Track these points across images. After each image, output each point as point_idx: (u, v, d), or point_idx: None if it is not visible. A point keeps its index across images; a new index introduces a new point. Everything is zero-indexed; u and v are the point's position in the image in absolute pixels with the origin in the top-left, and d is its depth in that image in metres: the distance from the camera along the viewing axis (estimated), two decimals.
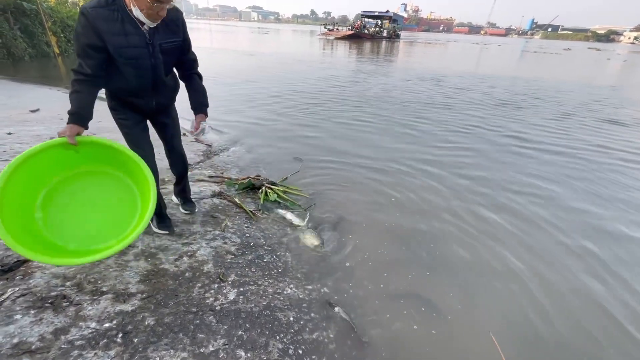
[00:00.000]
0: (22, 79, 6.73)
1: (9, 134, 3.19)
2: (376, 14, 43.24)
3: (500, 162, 3.83)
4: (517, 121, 5.70)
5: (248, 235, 2.17)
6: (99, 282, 1.53)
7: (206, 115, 1.87)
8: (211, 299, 1.60)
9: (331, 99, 6.55)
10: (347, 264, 2.04)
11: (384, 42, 33.31)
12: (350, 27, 39.76)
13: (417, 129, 4.92)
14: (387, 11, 43.60)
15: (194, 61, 1.82)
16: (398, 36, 46.28)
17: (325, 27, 41.33)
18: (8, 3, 8.73)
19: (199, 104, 1.84)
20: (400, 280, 1.95)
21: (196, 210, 2.27)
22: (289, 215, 2.37)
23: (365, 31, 38.16)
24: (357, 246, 2.22)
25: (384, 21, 43.22)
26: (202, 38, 24.58)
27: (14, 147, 2.86)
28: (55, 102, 5.00)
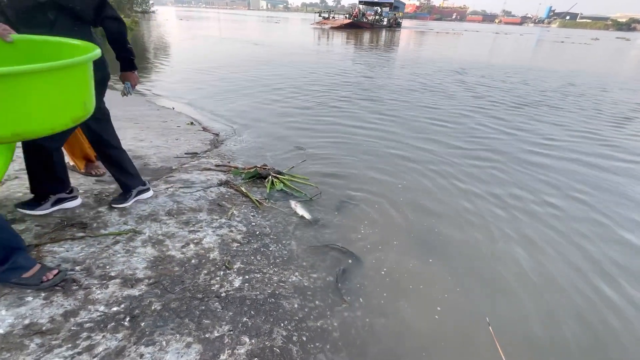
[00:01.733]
0: None
1: None
2: (375, 0, 38.47)
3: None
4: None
5: (254, 223, 2.17)
6: (107, 267, 1.56)
7: None
8: (217, 285, 1.61)
9: (334, 87, 6.48)
10: (354, 254, 2.03)
11: (384, 32, 30.46)
12: (347, 15, 35.30)
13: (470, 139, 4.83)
14: None
15: None
16: (399, 25, 42.14)
17: (320, 16, 36.72)
18: None
19: None
20: (406, 272, 1.94)
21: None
22: (299, 210, 2.34)
23: (364, 19, 34.74)
24: (364, 236, 2.21)
25: (384, 8, 39.02)
26: (211, 27, 24.46)
27: None
28: None
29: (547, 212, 2.68)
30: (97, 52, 1.22)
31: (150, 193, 2.18)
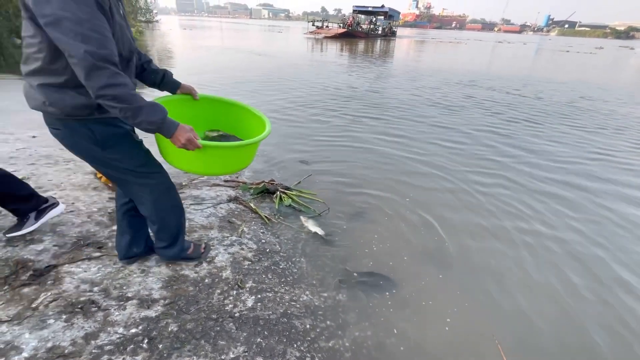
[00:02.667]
0: None
1: (34, 137, 3.31)
2: (370, 9, 37.11)
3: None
4: None
5: (264, 241, 2.21)
6: (124, 287, 1.59)
7: None
8: (230, 305, 1.65)
9: (337, 98, 6.56)
10: (362, 271, 2.06)
11: (380, 41, 29.68)
12: (341, 24, 33.88)
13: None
14: (382, 6, 37.53)
15: None
16: (394, 34, 41.74)
17: (313, 25, 35.44)
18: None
19: None
20: (416, 289, 1.97)
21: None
22: (312, 226, 2.36)
23: (359, 28, 33.71)
24: (374, 252, 2.24)
25: (379, 17, 37.92)
26: (214, 36, 24.81)
27: (39, 150, 2.97)
28: None
29: (559, 233, 2.71)
30: (269, 129, 1.54)
31: (60, 208, 1.90)
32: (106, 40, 1.01)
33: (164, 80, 1.54)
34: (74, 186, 2.41)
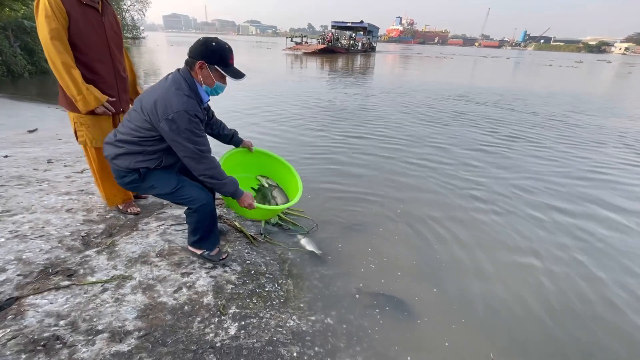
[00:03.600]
0: (21, 97, 6.75)
1: (6, 157, 3.15)
2: (349, 24, 36.99)
3: None
4: None
5: (249, 262, 2.11)
6: (95, 319, 1.47)
7: None
8: (211, 334, 1.54)
9: (325, 113, 6.57)
10: (352, 291, 1.98)
11: (360, 57, 28.69)
12: (320, 40, 33.51)
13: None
14: (361, 21, 37.46)
15: None
16: (374, 49, 41.04)
17: (292, 41, 34.88)
18: (9, 21, 8.83)
19: None
20: (410, 306, 1.89)
21: None
22: (308, 245, 2.32)
23: (339, 44, 33.04)
24: (363, 272, 2.17)
25: (358, 32, 37.34)
26: None
27: (10, 171, 2.82)
28: (53, 120, 4.99)
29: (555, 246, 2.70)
30: (300, 189, 2.20)
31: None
32: (206, 140, 1.62)
33: (232, 140, 2.16)
34: (45, 208, 2.27)
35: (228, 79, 1.67)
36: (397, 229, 2.70)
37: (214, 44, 1.56)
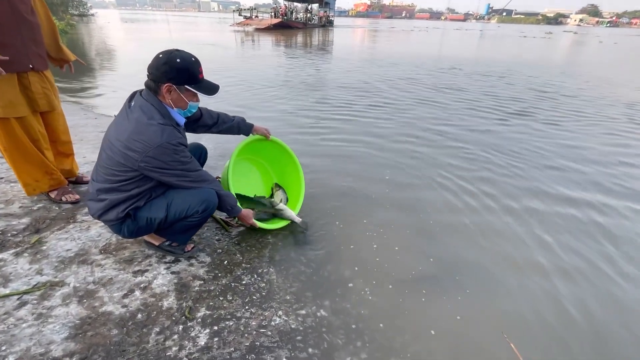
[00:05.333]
0: None
1: None
2: None
3: None
4: None
5: (220, 250, 1.75)
6: (4, 347, 1.07)
7: None
8: (174, 348, 1.19)
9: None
10: (346, 274, 1.68)
11: (320, 32, 25.10)
12: (273, 14, 28.60)
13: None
14: None
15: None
16: (331, 23, 36.54)
17: (240, 15, 28.96)
18: None
19: None
20: (411, 292, 1.63)
21: None
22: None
23: (294, 18, 28.67)
24: (356, 253, 1.87)
25: (314, 4, 33.03)
26: (160, 29, 22.87)
27: None
28: None
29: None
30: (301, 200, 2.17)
31: None
32: (196, 163, 1.47)
33: (241, 130, 1.94)
34: None
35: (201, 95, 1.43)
36: (389, 198, 2.42)
37: (178, 60, 1.30)
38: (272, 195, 2.21)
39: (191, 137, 2.95)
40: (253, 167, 2.31)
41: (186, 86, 1.35)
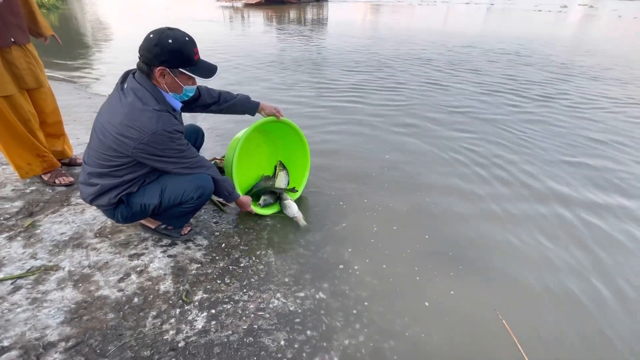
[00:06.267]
0: None
1: None
2: None
3: None
4: None
5: (218, 233, 1.73)
6: None
7: None
8: (171, 332, 1.18)
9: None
10: (345, 256, 1.66)
11: (315, 9, 20.20)
12: None
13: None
14: None
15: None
16: None
17: None
18: None
19: None
20: (410, 271, 1.61)
21: None
22: (290, 211, 1.87)
23: None
24: (353, 234, 1.84)
25: None
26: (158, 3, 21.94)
27: None
28: None
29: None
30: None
31: None
32: (193, 149, 1.42)
33: (247, 109, 1.79)
34: None
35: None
36: (385, 180, 2.37)
37: (170, 41, 1.18)
38: (275, 175, 2.15)
39: (187, 119, 2.88)
40: (260, 141, 2.19)
41: (180, 69, 1.25)
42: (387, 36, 9.56)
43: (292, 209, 1.87)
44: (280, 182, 2.09)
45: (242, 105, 1.76)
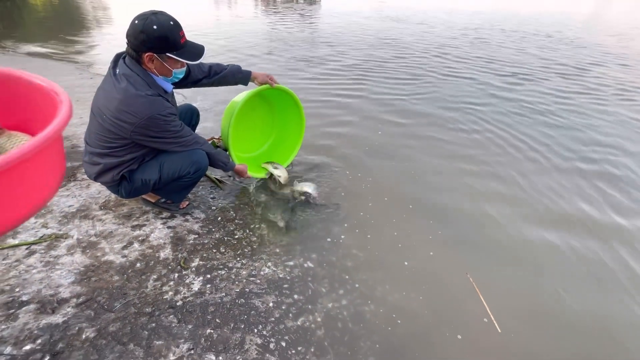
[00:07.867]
0: None
1: None
2: None
3: None
4: None
5: (214, 207, 1.84)
6: (17, 289, 1.20)
7: None
8: (170, 293, 1.31)
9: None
10: (335, 231, 1.77)
11: None
12: None
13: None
14: None
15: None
16: None
17: None
18: None
19: None
20: (394, 240, 1.72)
21: None
22: (305, 187, 1.93)
23: None
24: (343, 207, 1.95)
25: None
26: None
27: None
28: None
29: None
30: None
31: None
32: (187, 129, 1.49)
33: (238, 80, 1.81)
34: None
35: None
36: (377, 159, 2.45)
37: (155, 27, 1.21)
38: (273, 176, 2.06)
39: (190, 94, 2.94)
40: (255, 104, 2.20)
41: (168, 54, 1.28)
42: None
43: (304, 185, 1.96)
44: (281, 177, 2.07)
45: (233, 76, 1.77)
